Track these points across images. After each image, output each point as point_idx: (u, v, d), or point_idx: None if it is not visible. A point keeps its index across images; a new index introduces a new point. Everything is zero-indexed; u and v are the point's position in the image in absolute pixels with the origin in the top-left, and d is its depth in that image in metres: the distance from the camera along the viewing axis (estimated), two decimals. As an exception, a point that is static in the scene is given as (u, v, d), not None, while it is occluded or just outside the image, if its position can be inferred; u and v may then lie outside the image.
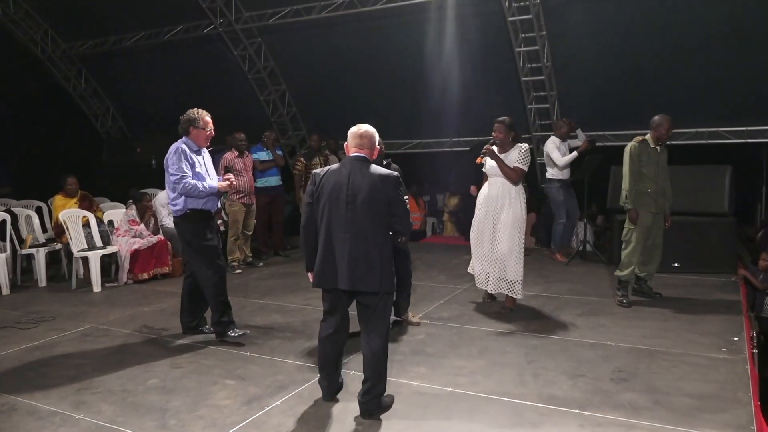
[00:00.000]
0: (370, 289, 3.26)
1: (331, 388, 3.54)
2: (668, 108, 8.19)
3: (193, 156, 4.53)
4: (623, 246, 5.42)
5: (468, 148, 9.99)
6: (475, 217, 5.20)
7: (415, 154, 10.78)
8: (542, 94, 8.94)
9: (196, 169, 4.53)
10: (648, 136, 5.40)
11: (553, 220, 7.44)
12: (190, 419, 3.34)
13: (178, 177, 4.41)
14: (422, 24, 8.88)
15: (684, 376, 3.71)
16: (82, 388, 3.78)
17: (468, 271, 5.40)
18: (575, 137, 7.34)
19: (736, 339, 4.33)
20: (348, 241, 3.25)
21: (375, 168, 3.35)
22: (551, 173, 7.28)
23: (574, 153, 7.14)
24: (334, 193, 3.29)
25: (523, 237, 5.04)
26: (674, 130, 8.44)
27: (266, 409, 3.44)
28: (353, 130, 3.44)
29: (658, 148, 5.37)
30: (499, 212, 4.99)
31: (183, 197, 4.45)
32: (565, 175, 7.24)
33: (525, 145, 5.06)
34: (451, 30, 8.74)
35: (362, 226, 3.25)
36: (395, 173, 3.38)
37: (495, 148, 5.07)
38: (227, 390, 3.71)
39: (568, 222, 7.36)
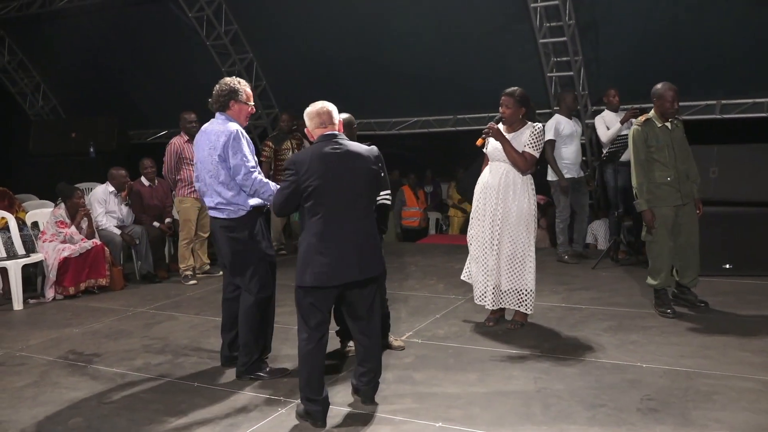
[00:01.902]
0: (376, 273, 3.70)
1: (326, 410, 3.64)
2: (720, 75, 8.21)
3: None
4: (647, 248, 5.38)
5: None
6: (472, 211, 5.15)
7: (412, 136, 10.72)
8: (565, 59, 8.87)
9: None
10: (652, 113, 5.27)
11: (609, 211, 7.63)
12: (117, 467, 3.31)
13: (246, 171, 4.19)
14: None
15: (728, 404, 3.66)
16: (-13, 429, 3.75)
17: (462, 278, 5.35)
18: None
19: (795, 358, 4.29)
20: (352, 226, 3.59)
21: (355, 144, 3.73)
22: (605, 154, 7.34)
23: (617, 125, 7.15)
24: (332, 182, 3.54)
25: (533, 237, 4.99)
26: (726, 101, 8.55)
27: (211, 453, 3.41)
28: (309, 110, 3.74)
29: (668, 124, 5.23)
30: (501, 206, 4.94)
31: (241, 192, 4.25)
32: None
33: (539, 125, 4.99)
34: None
35: (361, 208, 3.64)
36: (375, 147, 3.80)
37: (501, 126, 5.01)
38: (165, 430, 3.66)
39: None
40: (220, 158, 4.23)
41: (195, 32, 10.43)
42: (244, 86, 4.38)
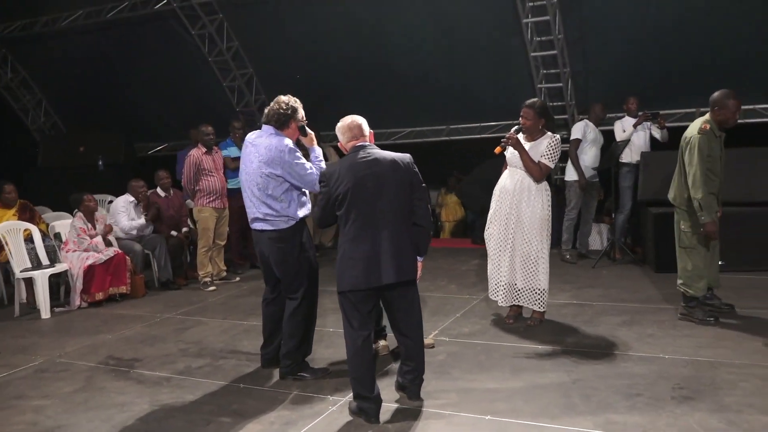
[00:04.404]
0: (411, 277, 3.65)
1: (378, 406, 3.62)
2: (702, 84, 8.25)
3: None
4: (686, 254, 4.98)
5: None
6: (491, 212, 5.20)
7: (408, 145, 10.72)
8: (554, 71, 8.97)
9: None
10: (710, 121, 4.83)
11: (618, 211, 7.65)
12: (186, 467, 3.25)
13: (316, 176, 4.13)
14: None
15: (756, 390, 3.72)
16: (47, 434, 3.66)
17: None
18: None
19: (806, 345, 4.37)
20: (385, 230, 3.55)
21: (385, 152, 3.68)
22: (623, 157, 7.57)
23: (630, 129, 7.49)
24: (360, 188, 3.54)
25: (546, 240, 5.03)
26: (705, 109, 8.47)
27: (275, 450, 3.37)
28: (340, 125, 3.75)
29: (721, 135, 4.88)
30: (515, 210, 5.00)
31: (291, 204, 4.18)
32: (633, 158, 7.50)
33: (557, 137, 5.06)
34: (448, 1, 8.73)
35: (393, 212, 3.58)
36: (408, 155, 3.70)
37: (521, 135, 5.07)
38: (224, 430, 3.62)
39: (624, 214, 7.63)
40: (271, 174, 4.13)
41: (197, 49, 10.32)
42: (299, 105, 4.32)
